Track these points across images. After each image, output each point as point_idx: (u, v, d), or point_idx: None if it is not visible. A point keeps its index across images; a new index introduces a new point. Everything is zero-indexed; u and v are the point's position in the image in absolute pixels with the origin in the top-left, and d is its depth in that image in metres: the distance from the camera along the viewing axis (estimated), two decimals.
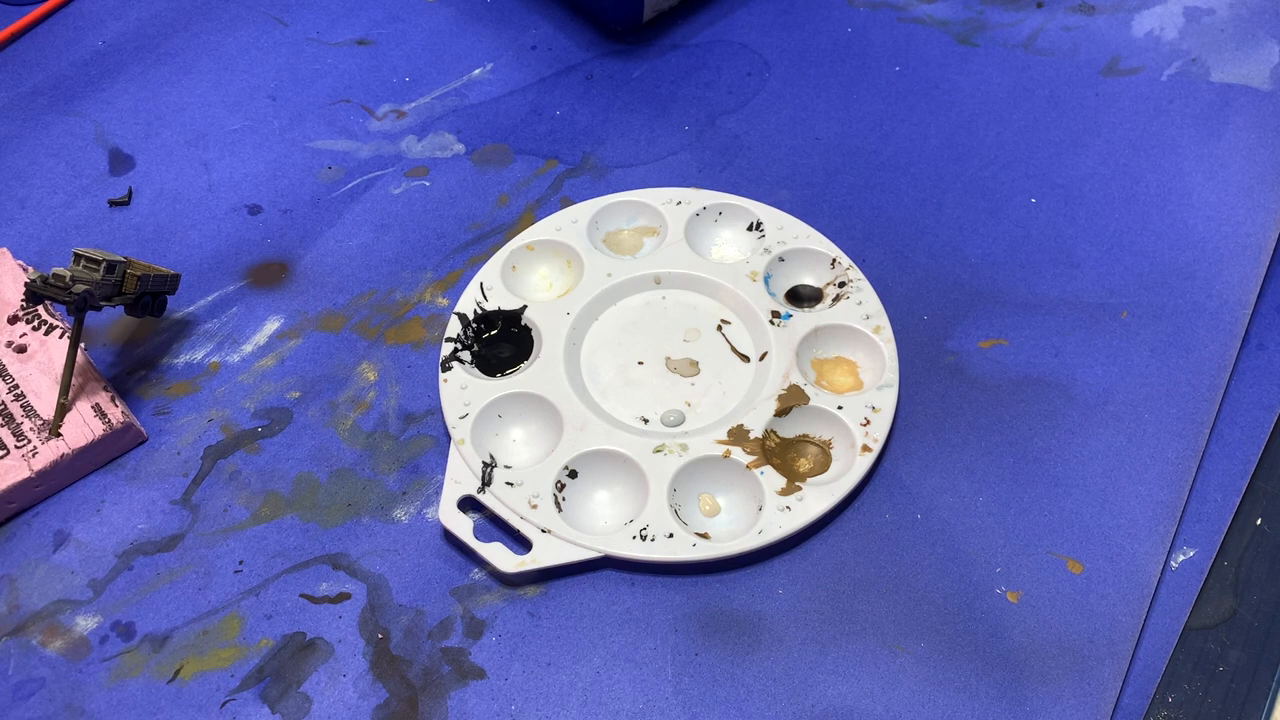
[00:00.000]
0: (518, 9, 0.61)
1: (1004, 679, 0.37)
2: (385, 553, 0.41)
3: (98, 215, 0.52)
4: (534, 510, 0.40)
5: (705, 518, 0.41)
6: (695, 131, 0.55)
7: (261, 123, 0.56)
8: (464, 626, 0.39)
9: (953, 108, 0.55)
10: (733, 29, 0.60)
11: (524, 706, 0.37)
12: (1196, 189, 0.51)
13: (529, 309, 0.46)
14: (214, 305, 0.48)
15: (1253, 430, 0.44)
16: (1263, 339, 0.46)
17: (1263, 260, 0.48)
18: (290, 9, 0.61)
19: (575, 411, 0.43)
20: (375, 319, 0.48)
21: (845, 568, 0.40)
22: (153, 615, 0.39)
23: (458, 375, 0.44)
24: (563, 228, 0.49)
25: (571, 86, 0.57)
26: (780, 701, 0.37)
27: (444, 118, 0.56)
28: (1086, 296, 0.47)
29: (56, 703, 0.37)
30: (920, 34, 0.59)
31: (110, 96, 0.57)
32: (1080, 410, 0.44)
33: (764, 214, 0.49)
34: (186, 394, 0.45)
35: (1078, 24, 0.59)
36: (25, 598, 0.40)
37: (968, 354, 0.46)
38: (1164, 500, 0.41)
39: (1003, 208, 0.51)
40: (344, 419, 0.44)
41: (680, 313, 0.47)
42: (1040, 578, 0.39)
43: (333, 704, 0.37)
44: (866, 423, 0.42)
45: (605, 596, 0.39)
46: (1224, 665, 0.38)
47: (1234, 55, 0.57)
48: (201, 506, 0.42)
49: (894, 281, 0.48)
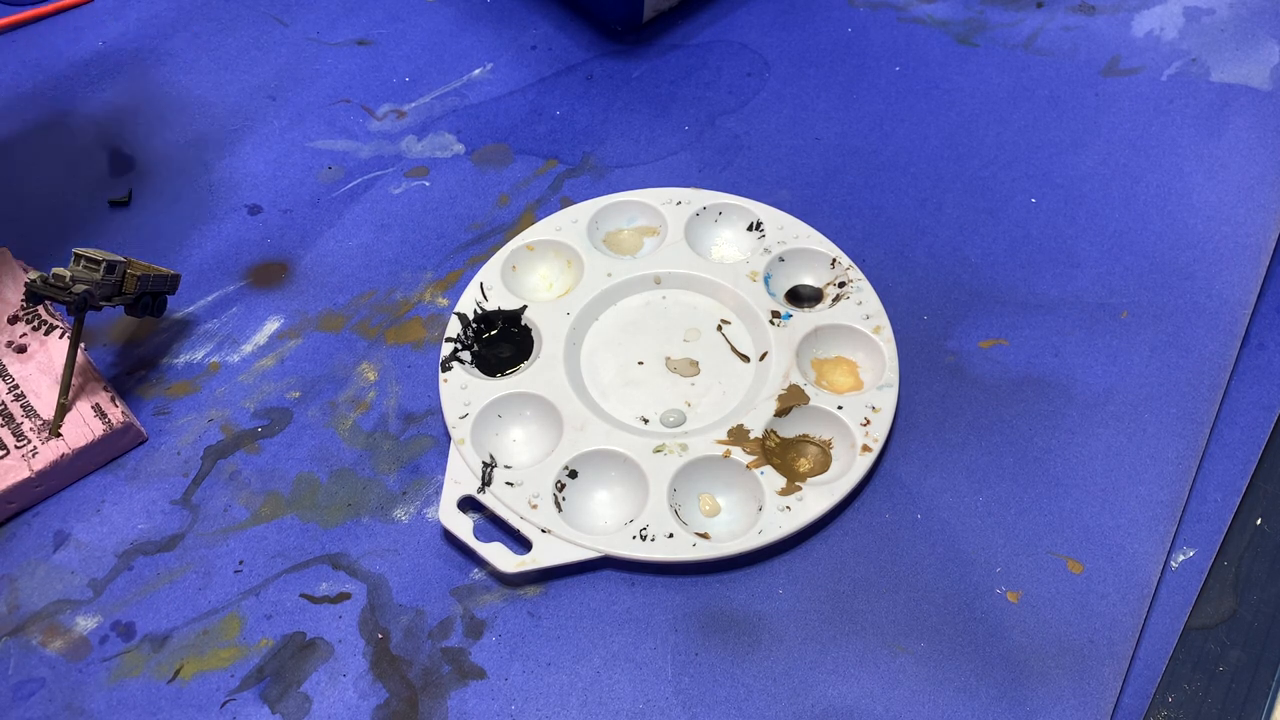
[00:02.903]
0: (518, 9, 0.61)
1: (1004, 679, 0.37)
2: (385, 553, 0.41)
3: (98, 215, 0.52)
4: (534, 510, 0.40)
5: (705, 518, 0.41)
6: (695, 131, 0.55)
7: (261, 123, 0.56)
8: (464, 626, 0.39)
9: (953, 108, 0.55)
10: (733, 29, 0.60)
11: (524, 706, 0.37)
12: (1196, 189, 0.51)
13: (529, 309, 0.46)
14: (214, 305, 0.48)
15: (1253, 430, 0.44)
16: (1263, 339, 0.46)
17: (1263, 260, 0.48)
18: (290, 9, 0.61)
19: (575, 411, 0.43)
20: (375, 319, 0.48)
21: (845, 568, 0.40)
22: (153, 615, 0.39)
23: (458, 375, 0.44)
24: (563, 228, 0.49)
25: (571, 86, 0.57)
26: (780, 701, 0.37)
27: (444, 118, 0.56)
28: (1086, 296, 0.47)
29: (56, 703, 0.37)
30: (920, 34, 0.59)
31: (110, 96, 0.57)
32: (1080, 410, 0.44)
33: (764, 214, 0.49)
34: (186, 394, 0.45)
35: (1078, 24, 0.59)
36: (25, 598, 0.40)
37: (968, 354, 0.46)
38: (1164, 500, 0.41)
39: (1003, 208, 0.51)
40: (344, 419, 0.44)
41: (680, 313, 0.47)
42: (1040, 578, 0.39)
43: (333, 704, 0.37)
44: (866, 423, 0.42)
45: (605, 596, 0.39)
46: (1224, 665, 0.38)
47: (1234, 55, 0.57)
48: (201, 506, 0.42)
49: (894, 281, 0.48)
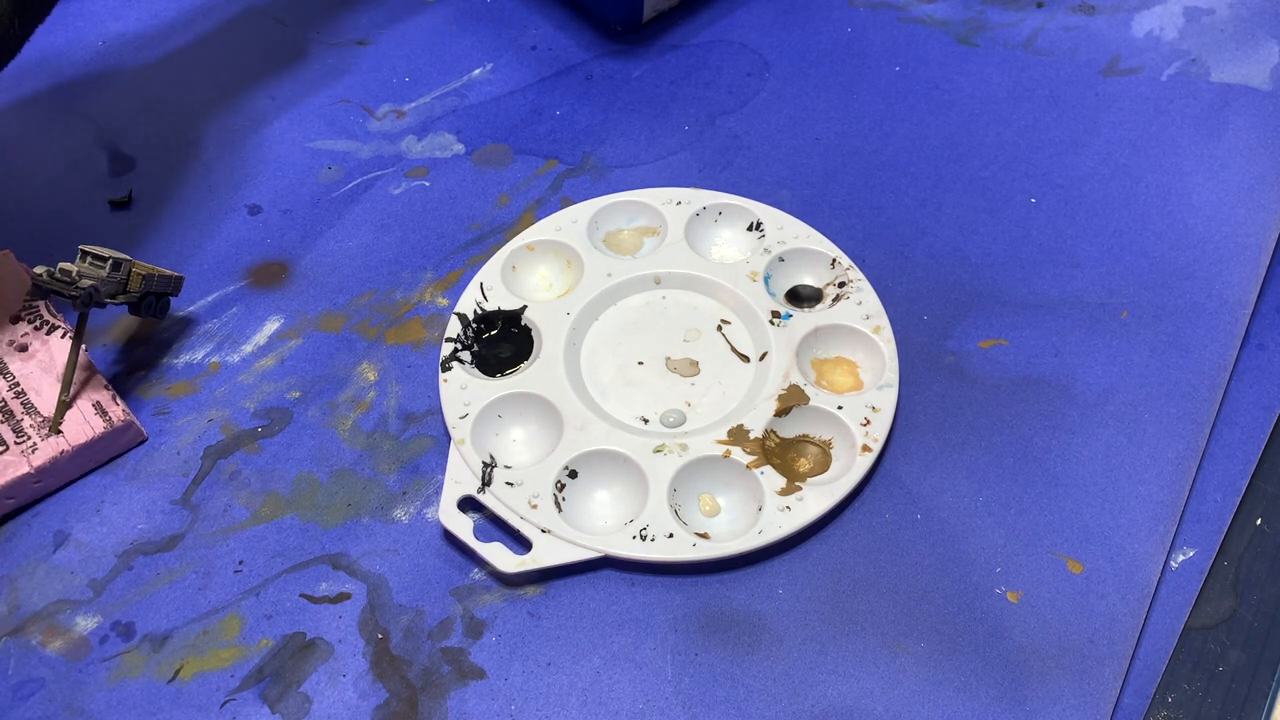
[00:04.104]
0: (518, 9, 0.61)
1: (1004, 679, 0.37)
2: (385, 553, 0.41)
3: (98, 215, 0.52)
4: (534, 510, 0.40)
5: (705, 518, 0.41)
6: (695, 131, 0.55)
7: (261, 123, 0.56)
8: (464, 626, 0.39)
9: (953, 108, 0.55)
10: (733, 29, 0.60)
11: (524, 706, 0.37)
12: (1196, 189, 0.51)
13: (529, 309, 0.46)
14: (214, 305, 0.48)
15: (1253, 430, 0.44)
16: (1263, 339, 0.46)
17: (1263, 260, 0.48)
18: (290, 9, 0.61)
19: (575, 411, 0.43)
20: (375, 319, 0.48)
21: (845, 568, 0.40)
22: (153, 615, 0.39)
23: (458, 375, 0.44)
24: (563, 228, 0.49)
25: (571, 86, 0.57)
26: (780, 701, 0.37)
27: (444, 118, 0.56)
28: (1086, 296, 0.47)
29: (56, 703, 0.37)
30: (920, 34, 0.59)
31: (110, 96, 0.57)
32: (1080, 410, 0.44)
33: (764, 214, 0.49)
34: (186, 394, 0.45)
35: (1078, 24, 0.59)
36: (25, 598, 0.40)
37: (968, 354, 0.46)
38: (1164, 500, 0.41)
39: (1003, 208, 0.51)
40: (344, 419, 0.44)
41: (680, 313, 0.47)
42: (1040, 578, 0.39)
43: (333, 704, 0.37)
44: (866, 423, 0.42)
45: (605, 596, 0.39)
46: (1224, 665, 0.38)
47: (1234, 55, 0.57)
48: (201, 506, 0.42)
49: (894, 281, 0.48)
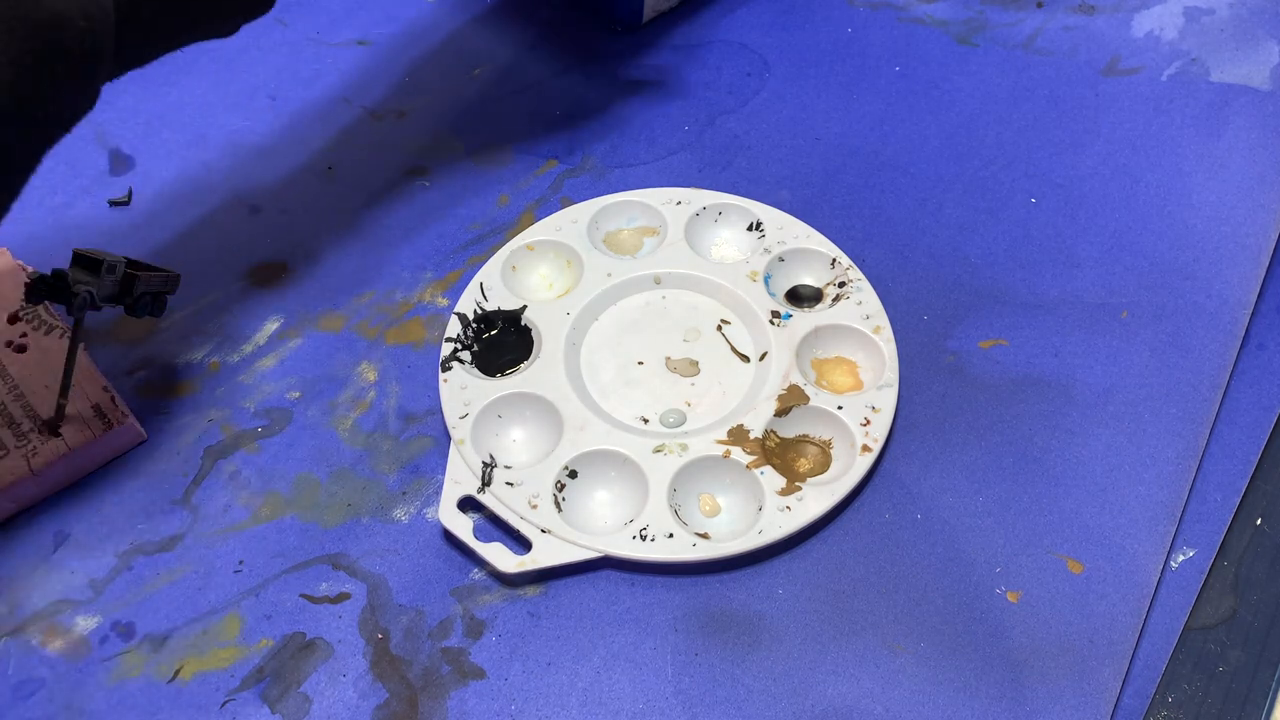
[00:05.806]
0: (518, 9, 0.61)
1: (1004, 679, 0.37)
2: (385, 553, 0.41)
3: (98, 215, 0.52)
4: (534, 510, 0.40)
5: (705, 518, 0.41)
6: (695, 131, 0.55)
7: (261, 123, 0.56)
8: (464, 626, 0.39)
9: (953, 108, 0.55)
10: (733, 29, 0.60)
11: (524, 706, 0.37)
12: (1196, 189, 0.51)
13: (529, 309, 0.46)
14: (214, 305, 0.48)
15: (1253, 430, 0.44)
16: (1263, 339, 0.46)
17: (1263, 260, 0.48)
18: (290, 9, 0.61)
19: (575, 411, 0.43)
20: (375, 319, 0.48)
21: (845, 568, 0.40)
22: (153, 615, 0.39)
23: (458, 375, 0.44)
24: (563, 228, 0.49)
25: (571, 87, 0.57)
26: (780, 701, 0.37)
27: (444, 117, 0.56)
28: (1086, 296, 0.47)
29: (56, 703, 0.37)
30: (920, 34, 0.59)
31: (110, 96, 0.56)
32: (1080, 410, 0.44)
33: (764, 214, 0.49)
34: (186, 394, 0.45)
35: (1078, 24, 0.59)
36: (25, 598, 0.40)
37: (968, 354, 0.46)
38: (1164, 500, 0.41)
39: (1003, 208, 0.51)
40: (344, 419, 0.44)
41: (680, 313, 0.47)
42: (1040, 578, 0.39)
43: (333, 704, 0.37)
44: (866, 423, 0.42)
45: (605, 596, 0.39)
46: (1224, 665, 0.38)
47: (1234, 55, 0.57)
48: (201, 506, 0.42)
49: (894, 281, 0.48)
